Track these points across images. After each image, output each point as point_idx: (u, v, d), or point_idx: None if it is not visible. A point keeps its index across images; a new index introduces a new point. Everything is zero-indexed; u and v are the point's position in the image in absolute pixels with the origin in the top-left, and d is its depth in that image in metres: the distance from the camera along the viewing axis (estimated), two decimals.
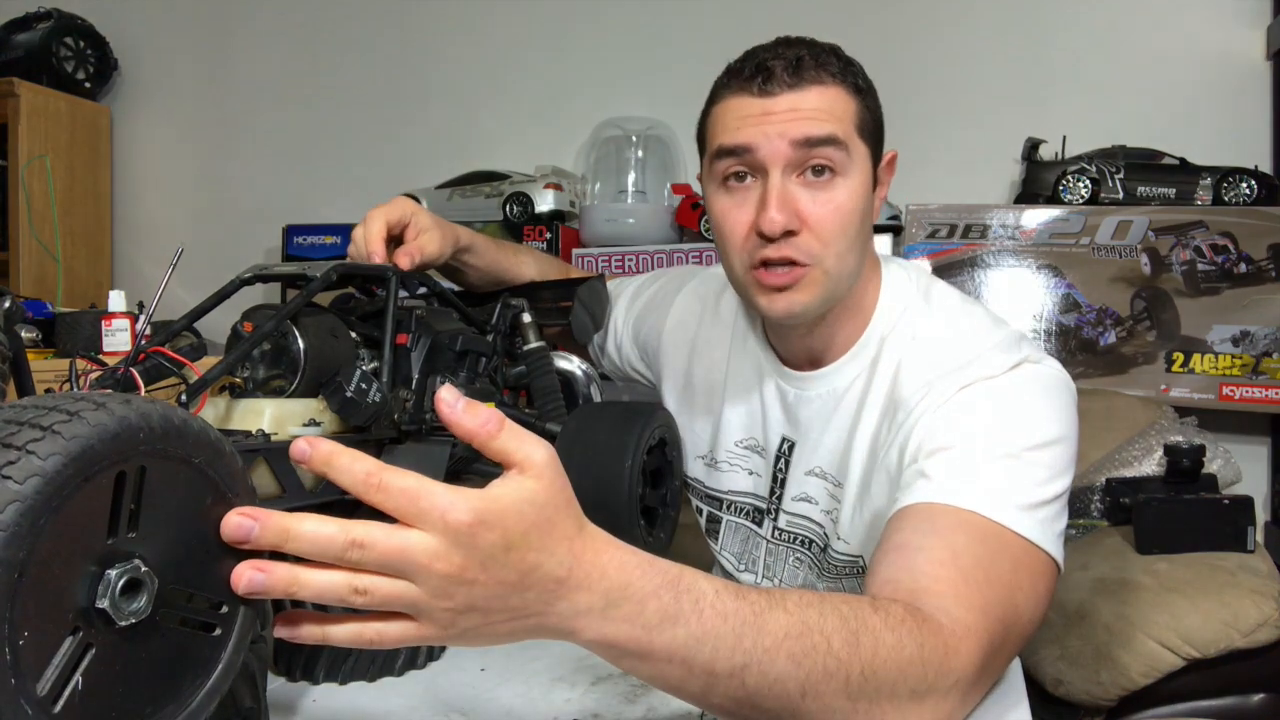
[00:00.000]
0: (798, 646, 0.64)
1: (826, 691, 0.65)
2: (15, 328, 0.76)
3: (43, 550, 0.45)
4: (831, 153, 0.90)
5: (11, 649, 0.44)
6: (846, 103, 0.92)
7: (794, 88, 0.90)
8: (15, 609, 0.44)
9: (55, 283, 2.59)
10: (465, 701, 0.84)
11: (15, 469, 0.44)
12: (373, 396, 0.78)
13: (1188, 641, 1.34)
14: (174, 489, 0.51)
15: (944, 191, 2.04)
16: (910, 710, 0.69)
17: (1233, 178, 1.91)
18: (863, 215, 0.93)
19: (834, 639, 0.65)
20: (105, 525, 0.48)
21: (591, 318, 1.15)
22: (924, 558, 0.77)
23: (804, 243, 0.91)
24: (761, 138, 0.90)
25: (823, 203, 0.91)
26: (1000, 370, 0.89)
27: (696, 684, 0.63)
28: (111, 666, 0.49)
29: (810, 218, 0.91)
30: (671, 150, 2.26)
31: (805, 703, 0.65)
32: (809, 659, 0.64)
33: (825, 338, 1.00)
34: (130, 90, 2.86)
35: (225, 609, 0.55)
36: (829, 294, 0.94)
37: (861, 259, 0.96)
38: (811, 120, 0.90)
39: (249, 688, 0.73)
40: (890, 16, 2.21)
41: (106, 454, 0.47)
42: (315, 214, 2.51)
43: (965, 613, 0.73)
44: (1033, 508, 0.82)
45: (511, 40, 2.55)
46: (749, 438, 1.09)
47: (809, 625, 0.65)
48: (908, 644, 0.68)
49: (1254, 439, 2.03)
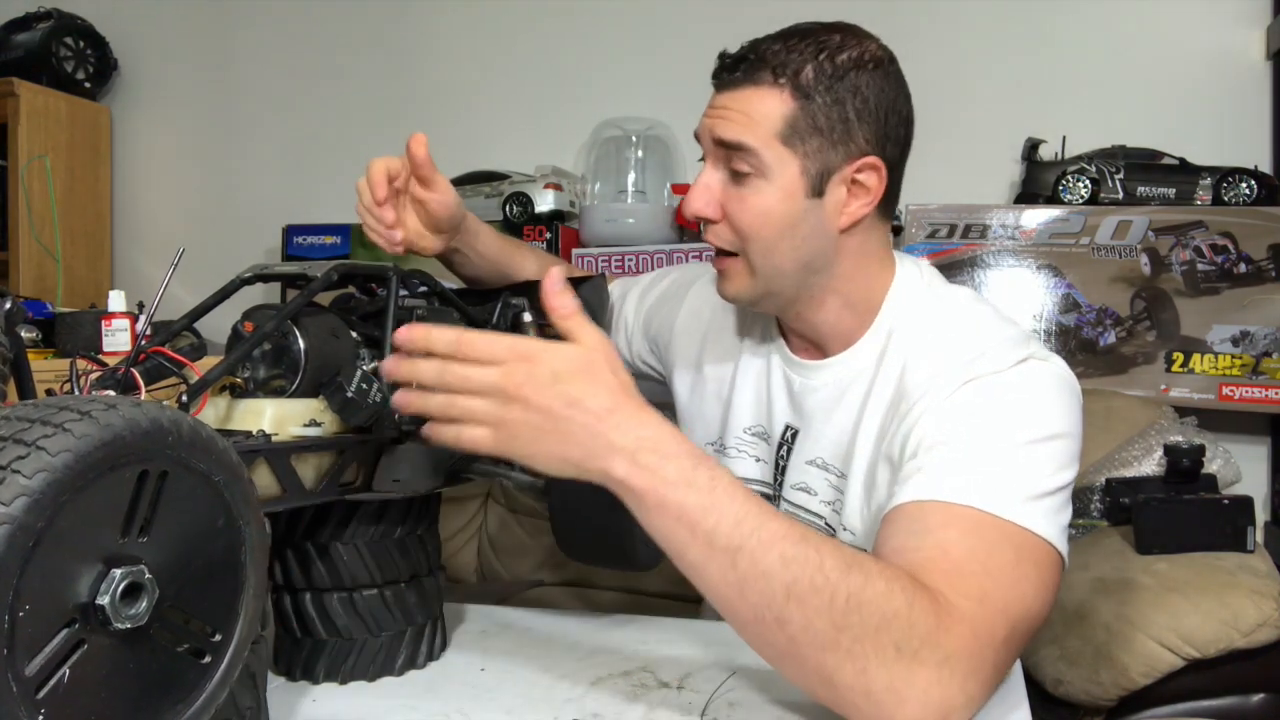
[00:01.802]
0: (792, 551, 0.71)
1: (810, 604, 0.70)
2: (16, 329, 0.76)
3: (60, 526, 0.46)
4: (743, 156, 0.92)
5: (10, 618, 0.44)
6: (776, 106, 0.90)
7: (729, 86, 0.94)
8: (23, 578, 0.44)
9: (55, 283, 2.59)
10: (465, 702, 0.84)
11: (50, 442, 0.45)
12: (373, 397, 0.78)
13: (1188, 641, 1.34)
14: (190, 503, 0.52)
15: (944, 191, 2.04)
16: (897, 669, 0.70)
17: (1232, 178, 1.91)
18: (788, 220, 0.93)
19: (827, 559, 0.71)
20: (120, 523, 0.49)
21: (592, 317, 1.15)
22: (915, 558, 0.77)
23: (722, 232, 0.97)
24: (702, 129, 0.96)
25: (736, 199, 0.94)
26: (1006, 365, 0.89)
27: (696, 551, 0.72)
28: (99, 668, 0.49)
29: (728, 211, 0.95)
30: (671, 150, 2.26)
31: (789, 607, 0.71)
32: (797, 564, 0.71)
33: (818, 328, 1.01)
34: (130, 90, 2.86)
35: (218, 637, 0.55)
36: (762, 288, 0.97)
37: (798, 261, 0.95)
38: (726, 122, 0.92)
39: (249, 688, 0.73)
40: (890, 17, 2.21)
41: (135, 448, 0.49)
42: (315, 214, 2.51)
43: (960, 600, 0.73)
44: (1034, 499, 0.81)
45: (511, 40, 2.55)
46: (756, 424, 1.10)
47: (807, 538, 0.72)
48: (897, 595, 0.72)
49: (1254, 439, 2.03)
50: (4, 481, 0.44)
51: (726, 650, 0.93)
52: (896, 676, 0.70)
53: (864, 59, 0.92)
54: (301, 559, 0.87)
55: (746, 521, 0.72)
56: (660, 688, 0.86)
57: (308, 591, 0.87)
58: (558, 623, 1.06)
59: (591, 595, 1.98)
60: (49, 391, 0.65)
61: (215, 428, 0.75)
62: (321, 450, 0.78)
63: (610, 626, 1.03)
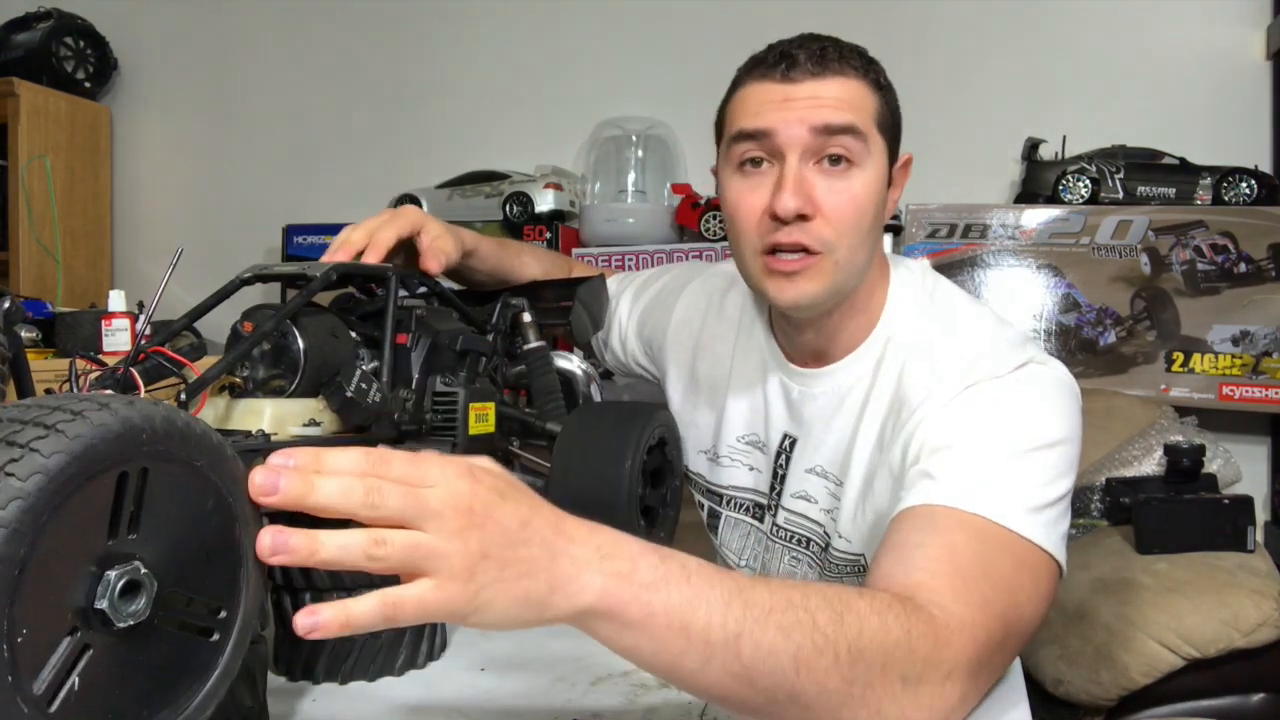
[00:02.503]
0: (785, 619, 0.65)
1: (819, 668, 0.65)
2: (15, 328, 0.76)
3: (43, 548, 0.45)
4: (850, 142, 0.91)
5: (10, 646, 0.44)
6: (867, 96, 0.93)
7: (817, 76, 0.91)
8: (15, 606, 0.44)
9: (55, 282, 2.59)
10: (465, 701, 0.84)
11: (19, 466, 0.44)
12: (373, 397, 0.78)
13: (1188, 641, 1.34)
14: (176, 492, 0.51)
15: (944, 191, 2.04)
16: (905, 699, 0.69)
17: (1233, 177, 1.91)
18: (876, 210, 0.94)
19: (819, 615, 0.66)
20: (106, 526, 0.48)
21: (591, 317, 1.15)
22: (920, 554, 0.77)
23: (817, 229, 0.91)
24: (781, 122, 0.91)
25: (838, 191, 0.91)
26: (1006, 370, 0.89)
27: (694, 655, 0.63)
28: (108, 668, 0.49)
29: (824, 205, 0.91)
30: (671, 150, 2.26)
31: (800, 679, 0.65)
32: (797, 631, 0.65)
33: (831, 334, 1.00)
34: (130, 90, 2.86)
35: (224, 614, 0.55)
36: (838, 286, 0.94)
37: (872, 255, 0.96)
38: (832, 108, 0.90)
39: (249, 688, 0.73)
40: (890, 17, 2.21)
41: (109, 454, 0.47)
42: (315, 214, 2.51)
43: (961, 607, 0.73)
44: (1036, 510, 0.82)
45: (511, 40, 2.55)
46: (751, 433, 1.09)
47: (792, 601, 0.66)
48: (893, 628, 0.68)
49: (1254, 439, 2.03)
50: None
51: None
52: (905, 704, 0.69)
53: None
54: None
55: (734, 603, 0.64)
56: (660, 688, 0.86)
57: (307, 591, 0.87)
58: None
59: None
60: (48, 391, 0.65)
61: (214, 427, 0.75)
62: None
63: None
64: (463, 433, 0.87)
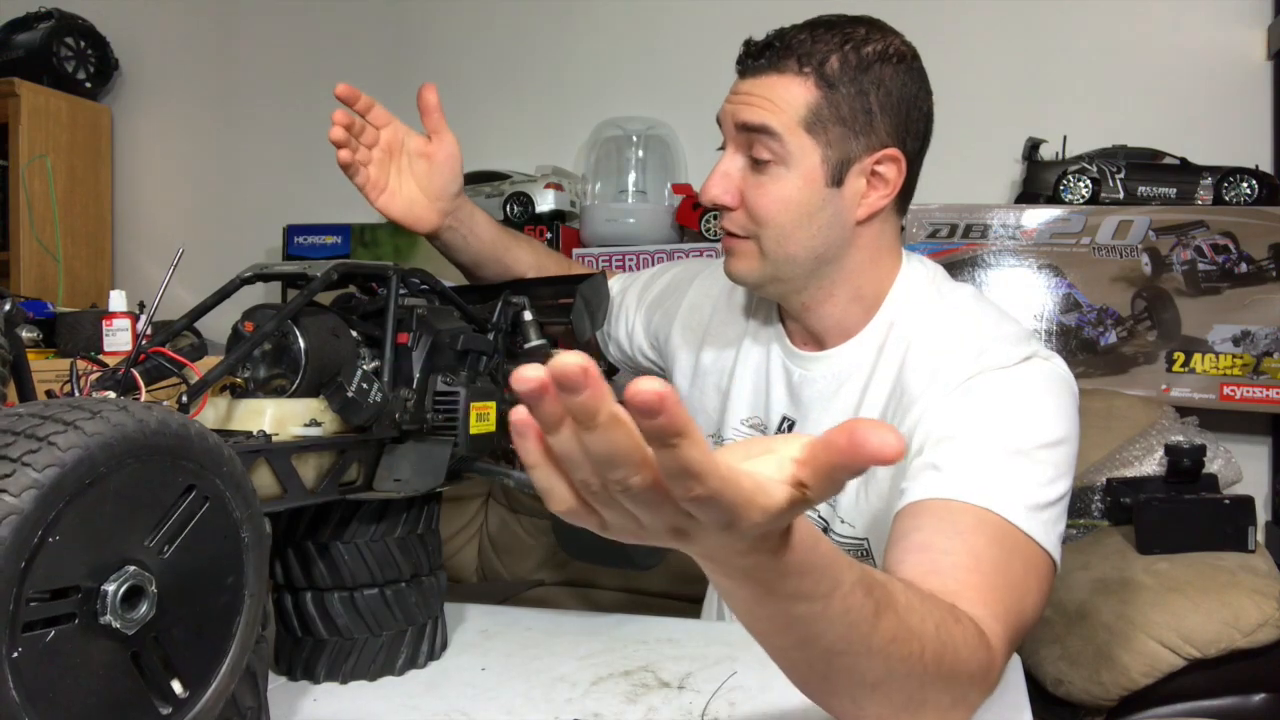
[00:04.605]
0: (896, 651, 0.62)
1: (895, 690, 0.64)
2: (16, 330, 0.76)
3: (109, 489, 0.46)
4: (765, 141, 0.92)
5: (15, 604, 0.43)
6: (800, 94, 0.91)
7: (753, 72, 0.94)
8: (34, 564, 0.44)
9: (56, 283, 2.59)
10: (465, 701, 0.84)
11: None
12: (374, 396, 0.78)
13: (1188, 641, 1.33)
14: (212, 545, 0.51)
15: (944, 191, 2.04)
16: (948, 714, 0.69)
17: (1233, 177, 1.91)
18: (806, 208, 0.94)
19: (928, 649, 0.64)
20: (152, 525, 0.49)
21: (591, 316, 1.15)
22: (949, 562, 0.77)
23: (738, 218, 0.97)
24: (723, 115, 0.96)
25: (755, 186, 0.95)
26: (1010, 362, 0.89)
27: (783, 639, 0.60)
28: (73, 653, 0.48)
29: (746, 199, 0.96)
30: (671, 150, 2.26)
31: (874, 693, 0.63)
32: (903, 664, 0.63)
33: (821, 319, 1.01)
34: (130, 90, 2.86)
35: (186, 694, 0.52)
36: (773, 271, 0.97)
37: (813, 249, 0.96)
38: (751, 107, 0.92)
39: (250, 687, 0.73)
40: (890, 17, 2.21)
41: (191, 456, 0.49)
42: (315, 214, 2.51)
43: (993, 622, 0.73)
44: (1040, 508, 0.82)
45: (511, 40, 2.55)
46: (753, 416, 1.10)
47: (911, 630, 0.63)
48: (973, 662, 0.69)
49: (1254, 439, 2.03)
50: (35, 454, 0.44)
51: (727, 650, 0.93)
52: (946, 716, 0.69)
53: (888, 52, 0.94)
54: (302, 558, 0.87)
55: (855, 631, 0.60)
56: (661, 688, 0.86)
57: (308, 591, 0.87)
58: (558, 623, 1.06)
59: (592, 595, 1.99)
60: (49, 393, 0.64)
61: (215, 428, 0.75)
62: (322, 450, 0.78)
63: (610, 626, 1.03)
64: (464, 432, 0.87)
